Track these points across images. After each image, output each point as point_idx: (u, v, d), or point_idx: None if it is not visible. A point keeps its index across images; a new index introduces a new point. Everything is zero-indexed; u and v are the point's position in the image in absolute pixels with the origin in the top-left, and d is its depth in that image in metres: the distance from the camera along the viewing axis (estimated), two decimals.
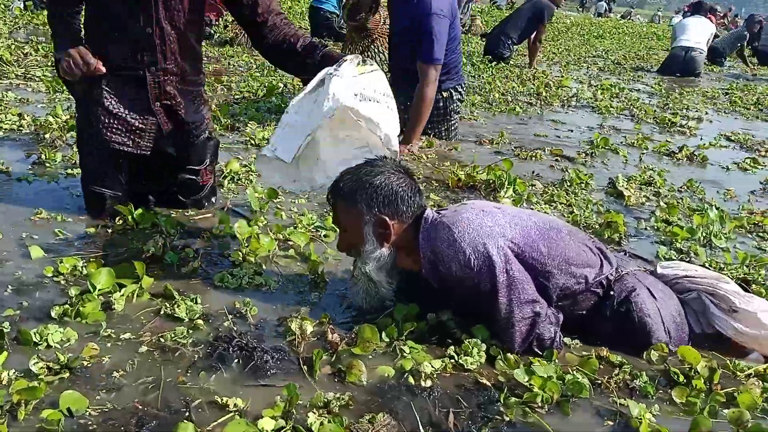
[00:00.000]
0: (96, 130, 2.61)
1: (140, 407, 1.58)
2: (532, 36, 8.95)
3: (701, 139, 5.73)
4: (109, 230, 2.62)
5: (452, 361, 1.92)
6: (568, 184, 3.87)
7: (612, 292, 2.07)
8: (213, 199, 3.01)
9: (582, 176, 3.96)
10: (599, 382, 1.89)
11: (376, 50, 5.22)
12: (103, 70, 2.48)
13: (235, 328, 1.97)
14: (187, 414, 1.56)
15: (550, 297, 2.01)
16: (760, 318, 2.06)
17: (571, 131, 5.57)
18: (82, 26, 2.63)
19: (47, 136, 3.63)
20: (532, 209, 3.30)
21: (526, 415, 1.71)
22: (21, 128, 3.81)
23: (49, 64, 5.54)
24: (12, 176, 3.07)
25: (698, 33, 10.29)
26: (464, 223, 1.98)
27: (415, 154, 4.22)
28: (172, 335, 1.89)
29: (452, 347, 1.96)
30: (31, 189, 2.98)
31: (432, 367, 1.86)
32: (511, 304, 1.92)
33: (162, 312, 2.03)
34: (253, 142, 4.00)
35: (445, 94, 4.50)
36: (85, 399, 1.55)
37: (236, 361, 1.81)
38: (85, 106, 2.66)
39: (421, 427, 1.62)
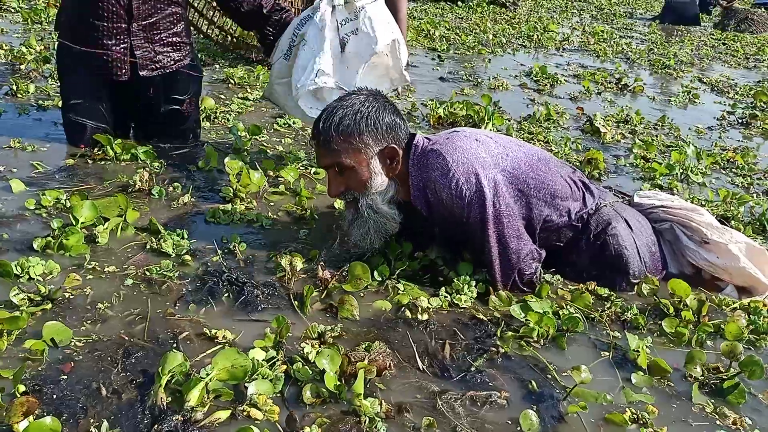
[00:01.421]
0: (78, 53, 2.53)
1: (126, 338, 1.53)
2: None
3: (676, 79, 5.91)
4: (89, 162, 2.53)
5: (447, 299, 1.88)
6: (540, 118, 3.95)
7: (589, 225, 2.05)
8: (198, 132, 2.92)
9: (552, 112, 4.01)
10: (592, 316, 1.87)
11: None
12: None
13: (224, 263, 1.91)
14: (174, 345, 1.51)
15: (534, 229, 1.98)
16: (730, 249, 2.06)
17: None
18: None
19: (22, 67, 3.49)
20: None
21: (522, 348, 1.69)
22: None
23: None
24: None
25: None
26: (458, 152, 1.90)
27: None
28: (158, 269, 1.83)
29: (444, 287, 1.92)
30: (2, 120, 2.86)
31: (429, 304, 1.83)
32: (497, 237, 1.88)
33: (148, 246, 1.96)
34: (232, 81, 3.87)
35: None
36: (69, 330, 1.49)
37: (226, 295, 1.75)
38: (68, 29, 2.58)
39: (417, 356, 1.59)
